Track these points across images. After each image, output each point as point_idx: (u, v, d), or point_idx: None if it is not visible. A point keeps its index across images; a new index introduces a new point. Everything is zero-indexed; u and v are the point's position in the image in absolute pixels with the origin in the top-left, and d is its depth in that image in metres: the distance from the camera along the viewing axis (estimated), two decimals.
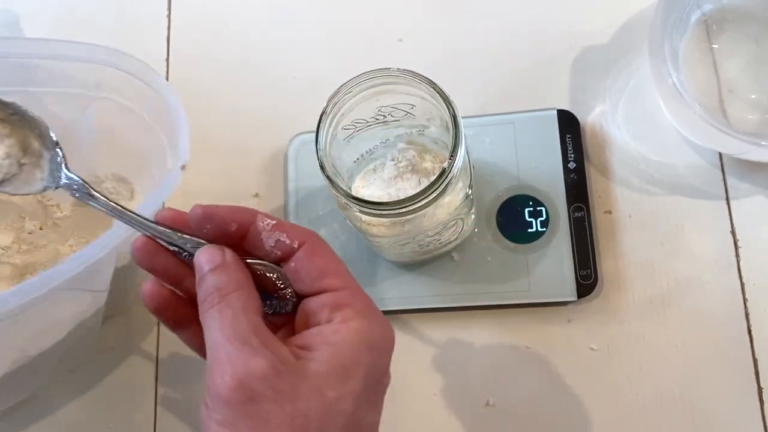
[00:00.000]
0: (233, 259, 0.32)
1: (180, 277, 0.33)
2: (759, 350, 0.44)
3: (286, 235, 0.32)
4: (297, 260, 0.32)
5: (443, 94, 0.36)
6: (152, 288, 0.33)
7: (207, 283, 0.31)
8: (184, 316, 0.33)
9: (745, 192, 0.46)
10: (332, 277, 0.32)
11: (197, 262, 0.31)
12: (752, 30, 0.45)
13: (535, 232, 0.46)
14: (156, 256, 0.33)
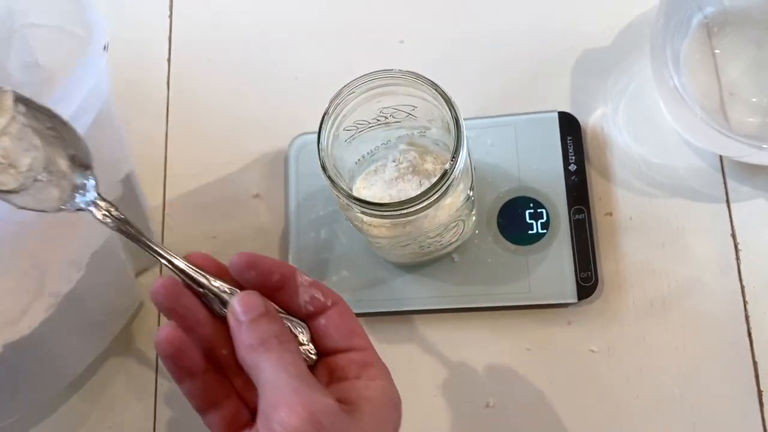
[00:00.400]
0: (274, 309, 0.33)
1: (195, 323, 0.33)
2: (759, 353, 0.44)
3: (320, 293, 0.34)
4: (329, 318, 0.33)
5: (445, 96, 0.36)
6: (171, 332, 0.32)
7: (261, 328, 0.31)
8: (195, 365, 0.33)
9: (746, 195, 0.46)
10: (359, 337, 0.34)
11: (242, 305, 0.31)
12: (754, 33, 0.45)
13: (536, 233, 0.46)
14: (179, 297, 0.32)
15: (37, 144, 0.33)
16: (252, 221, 0.51)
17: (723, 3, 0.45)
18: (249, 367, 0.31)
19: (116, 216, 0.33)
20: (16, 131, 0.33)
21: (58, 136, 0.34)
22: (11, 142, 0.33)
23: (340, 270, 0.48)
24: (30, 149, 0.33)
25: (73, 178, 0.34)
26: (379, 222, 0.39)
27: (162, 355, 0.32)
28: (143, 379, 0.50)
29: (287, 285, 0.33)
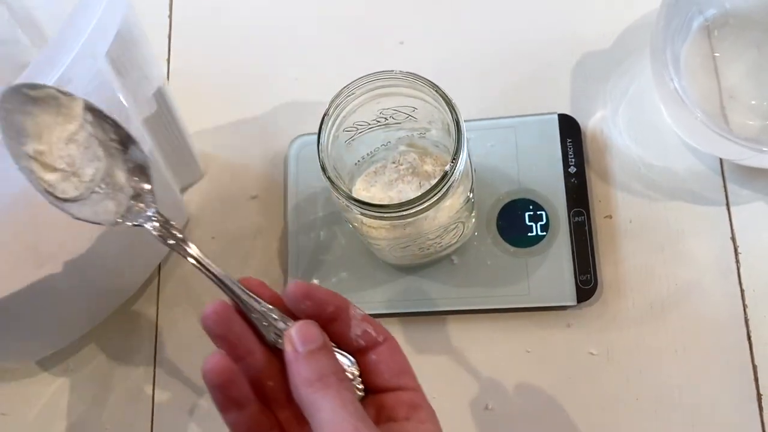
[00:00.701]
0: (329, 342, 0.32)
1: (246, 351, 0.32)
2: (758, 356, 0.44)
3: (372, 327, 0.33)
4: (380, 354, 0.33)
5: (446, 98, 0.36)
6: (220, 362, 0.30)
7: (320, 362, 0.30)
8: (242, 395, 0.31)
9: (746, 198, 0.46)
10: (408, 377, 0.33)
11: (301, 336, 0.30)
12: (754, 36, 0.45)
13: (535, 236, 0.46)
14: (232, 324, 0.32)
15: (100, 155, 0.33)
16: (251, 222, 0.51)
17: (724, 6, 0.45)
18: (305, 402, 0.30)
19: (174, 233, 0.33)
20: (83, 140, 0.32)
21: (120, 148, 0.33)
22: (78, 151, 0.32)
23: (339, 271, 0.48)
24: (94, 159, 0.33)
25: (131, 193, 0.33)
26: (378, 223, 0.38)
27: (209, 384, 0.31)
28: (140, 379, 0.50)
29: (340, 317, 0.32)
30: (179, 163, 0.49)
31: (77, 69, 0.32)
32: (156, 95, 0.43)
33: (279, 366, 0.32)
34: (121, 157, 0.33)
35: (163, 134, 0.46)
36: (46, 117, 0.32)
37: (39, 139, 0.32)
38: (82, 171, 0.32)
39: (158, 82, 0.43)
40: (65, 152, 0.32)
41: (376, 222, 0.38)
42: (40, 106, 0.32)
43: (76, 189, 0.32)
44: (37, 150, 0.32)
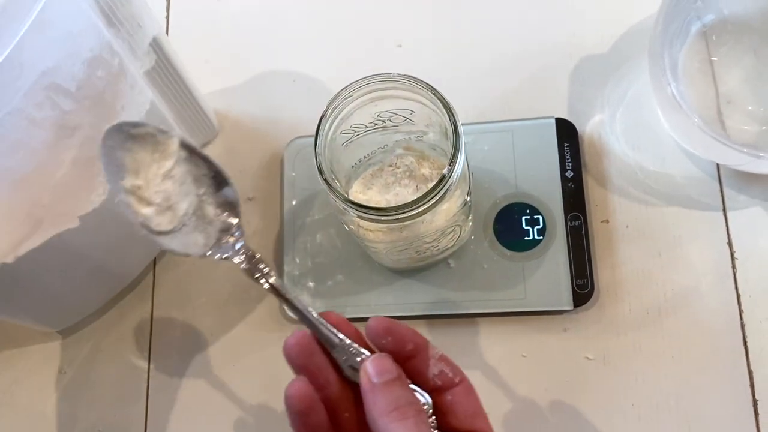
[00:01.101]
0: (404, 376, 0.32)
1: (324, 382, 0.33)
2: (754, 362, 0.44)
3: (449, 368, 0.33)
4: (455, 395, 0.33)
5: (444, 101, 0.35)
6: (303, 388, 0.31)
7: (395, 393, 0.31)
8: (321, 424, 0.32)
9: (742, 203, 0.46)
10: (482, 420, 0.33)
11: (376, 368, 0.31)
12: (752, 42, 0.45)
13: (532, 240, 0.46)
14: (313, 355, 0.32)
15: (193, 190, 0.34)
16: (247, 224, 0.51)
17: (722, 11, 0.45)
18: (381, 431, 0.30)
19: (261, 268, 0.34)
20: (179, 176, 0.34)
21: (211, 184, 0.34)
22: (173, 186, 0.34)
23: (335, 274, 0.48)
24: (188, 194, 0.34)
25: (219, 226, 0.34)
26: (375, 226, 0.38)
27: (291, 409, 0.31)
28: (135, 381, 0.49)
29: (419, 355, 0.33)
30: (190, 118, 0.49)
31: (56, 10, 0.32)
32: (153, 45, 0.43)
33: (354, 399, 0.33)
34: (211, 192, 0.34)
35: (168, 88, 0.46)
36: (144, 154, 0.34)
37: (137, 175, 0.34)
38: (177, 205, 0.34)
39: (154, 31, 0.42)
40: (162, 188, 0.34)
41: (373, 225, 0.38)
42: (139, 143, 0.33)
43: (170, 222, 0.34)
44: (135, 185, 0.33)
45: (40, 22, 0.31)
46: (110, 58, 0.38)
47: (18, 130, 0.34)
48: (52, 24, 0.32)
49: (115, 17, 0.39)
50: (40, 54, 0.32)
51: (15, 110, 0.33)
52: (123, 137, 0.33)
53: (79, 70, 0.36)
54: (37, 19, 0.31)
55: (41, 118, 0.35)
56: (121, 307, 0.51)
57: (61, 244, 0.40)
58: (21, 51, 0.31)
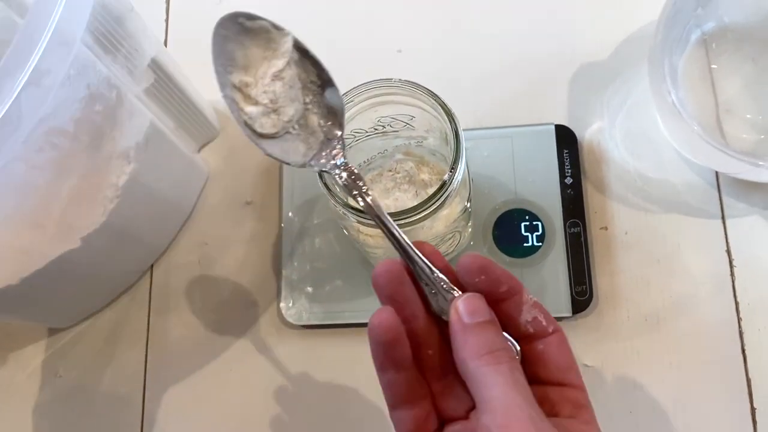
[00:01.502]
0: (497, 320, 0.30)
1: (411, 315, 0.31)
2: (752, 370, 0.44)
3: (543, 316, 0.31)
4: (548, 345, 0.31)
5: (446, 107, 0.35)
6: (390, 319, 0.29)
7: (488, 336, 0.29)
8: (404, 357, 0.30)
9: (741, 212, 0.46)
10: (575, 373, 0.31)
11: (468, 307, 0.29)
12: (752, 50, 0.45)
13: (531, 246, 0.46)
14: (402, 286, 0.31)
15: (300, 95, 0.32)
16: (245, 228, 0.51)
17: (723, 19, 0.45)
18: (472, 375, 0.28)
19: (360, 185, 0.32)
20: (288, 78, 0.32)
21: (318, 92, 0.33)
22: (282, 89, 0.32)
23: (334, 279, 0.48)
24: (295, 100, 0.32)
25: (321, 137, 0.33)
26: (375, 232, 0.38)
27: (375, 340, 0.30)
28: (131, 385, 0.49)
29: (513, 299, 0.31)
30: (192, 123, 0.50)
31: (51, 60, 0.32)
32: (152, 65, 0.43)
33: (440, 337, 0.31)
34: (319, 100, 0.33)
35: (168, 100, 0.46)
36: (256, 50, 0.32)
37: (246, 71, 0.32)
38: (283, 109, 0.32)
39: (152, 52, 0.43)
40: (270, 88, 0.32)
41: (373, 230, 0.38)
42: (252, 37, 0.32)
43: (273, 126, 0.32)
44: (243, 81, 0.32)
45: (38, 73, 0.31)
46: (108, 92, 0.38)
47: (18, 175, 0.34)
48: (49, 72, 0.32)
49: (112, 45, 0.39)
50: (38, 103, 0.32)
51: (15, 158, 0.33)
52: (237, 29, 0.31)
53: (77, 109, 0.36)
54: (35, 71, 0.31)
55: (41, 160, 0.35)
56: (117, 310, 0.51)
57: (62, 262, 0.41)
58: (19, 104, 0.31)
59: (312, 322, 0.47)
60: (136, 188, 0.43)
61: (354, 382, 0.47)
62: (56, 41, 0.32)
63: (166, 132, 0.45)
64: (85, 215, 0.41)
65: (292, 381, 0.48)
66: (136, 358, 0.50)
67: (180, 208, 0.51)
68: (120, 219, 0.43)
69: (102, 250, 0.44)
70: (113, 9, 0.39)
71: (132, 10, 0.41)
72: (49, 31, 0.32)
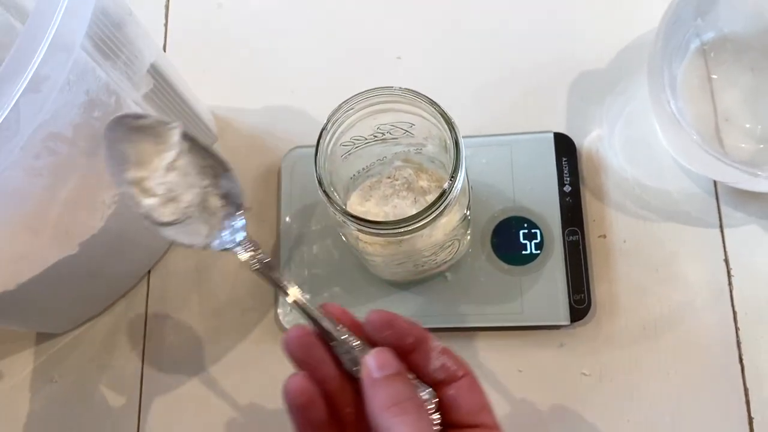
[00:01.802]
0: (405, 371, 0.31)
1: (325, 377, 0.32)
2: (750, 380, 0.44)
3: (452, 361, 0.32)
4: (459, 389, 0.32)
5: (446, 116, 0.35)
6: (303, 383, 0.31)
7: (396, 387, 0.30)
8: (320, 419, 0.31)
9: (739, 221, 0.47)
10: (487, 414, 0.32)
11: (377, 361, 0.30)
12: (751, 61, 0.45)
13: (530, 254, 0.46)
14: (312, 349, 0.32)
15: (197, 181, 0.34)
16: None
17: (722, 30, 0.45)
18: (381, 427, 0.29)
19: (261, 258, 0.33)
20: (183, 167, 0.34)
21: (214, 174, 0.34)
22: (177, 178, 0.33)
23: (332, 286, 0.48)
24: (192, 186, 0.34)
25: (222, 217, 0.34)
26: (374, 239, 0.38)
27: (291, 404, 0.31)
28: (127, 391, 0.49)
29: (420, 348, 0.32)
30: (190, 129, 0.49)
31: (50, 66, 0.32)
32: (151, 71, 0.43)
33: (355, 394, 0.32)
34: (215, 183, 0.34)
35: (166, 105, 0.46)
36: (146, 145, 0.33)
37: (140, 166, 0.33)
38: (180, 197, 0.34)
39: (151, 58, 0.43)
40: (165, 179, 0.33)
41: (372, 238, 0.38)
42: (141, 134, 0.33)
43: (173, 214, 0.34)
44: (138, 177, 0.33)
45: (37, 79, 0.31)
46: (107, 97, 0.38)
47: (16, 180, 0.34)
48: (48, 78, 0.32)
49: (112, 51, 0.39)
50: (37, 109, 0.32)
51: (13, 164, 0.33)
52: (125, 130, 0.33)
53: (76, 115, 0.36)
54: (34, 77, 0.31)
55: (39, 166, 0.35)
56: (114, 315, 0.50)
57: (60, 268, 0.41)
58: (18, 110, 0.31)
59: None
60: None
61: None
62: (56, 47, 0.32)
63: None
64: (83, 221, 0.41)
65: None
66: (133, 364, 0.49)
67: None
68: (118, 224, 0.43)
69: (100, 256, 0.44)
70: (113, 14, 0.38)
71: (131, 15, 0.41)
72: (48, 37, 0.32)
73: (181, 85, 0.47)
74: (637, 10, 0.51)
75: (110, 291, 0.50)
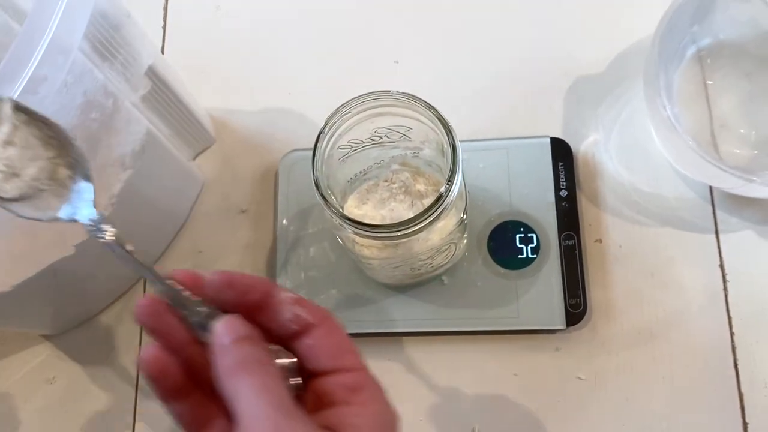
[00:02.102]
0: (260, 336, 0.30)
1: (180, 344, 0.31)
2: (745, 384, 0.44)
3: (305, 310, 0.31)
4: (315, 337, 0.31)
5: (443, 120, 0.36)
6: (154, 353, 0.30)
7: (243, 349, 0.29)
8: (181, 387, 0.30)
9: (735, 226, 0.47)
10: (350, 356, 0.31)
11: (225, 328, 0.29)
12: (746, 67, 0.45)
13: (526, 258, 0.46)
14: (162, 317, 0.30)
15: (42, 153, 0.33)
16: (239, 236, 0.51)
17: (718, 36, 0.45)
18: (226, 393, 0.28)
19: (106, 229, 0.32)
20: (21, 140, 0.32)
21: (59, 144, 0.33)
22: (17, 152, 0.32)
23: (329, 288, 0.48)
24: (36, 159, 0.32)
25: (72, 187, 0.33)
26: (370, 243, 0.38)
27: (146, 375, 0.30)
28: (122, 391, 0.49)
29: (268, 303, 0.31)
30: (188, 131, 0.50)
31: (48, 67, 0.32)
32: (149, 73, 0.43)
33: None
34: (61, 153, 0.33)
35: (164, 108, 0.46)
36: None
37: None
38: (23, 171, 0.32)
39: (149, 60, 0.43)
40: (3, 154, 0.32)
41: (368, 241, 0.38)
42: None
43: (18, 189, 0.32)
44: None
45: (34, 80, 0.31)
46: (104, 99, 0.38)
47: None
48: (46, 79, 0.32)
49: (109, 53, 0.39)
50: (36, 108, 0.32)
51: None
52: None
53: (74, 116, 0.36)
54: (32, 78, 0.31)
55: None
56: (111, 316, 0.51)
57: (56, 270, 0.41)
58: None
59: None
60: (132, 195, 0.43)
61: None
62: (53, 48, 0.32)
63: (162, 139, 0.45)
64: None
65: None
66: (129, 364, 0.49)
67: (175, 216, 0.51)
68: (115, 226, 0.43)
69: (96, 258, 0.44)
70: (111, 17, 0.39)
71: (129, 17, 0.41)
72: (46, 39, 0.32)
73: (178, 87, 0.47)
74: (634, 16, 0.51)
75: (107, 292, 0.50)
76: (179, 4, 0.57)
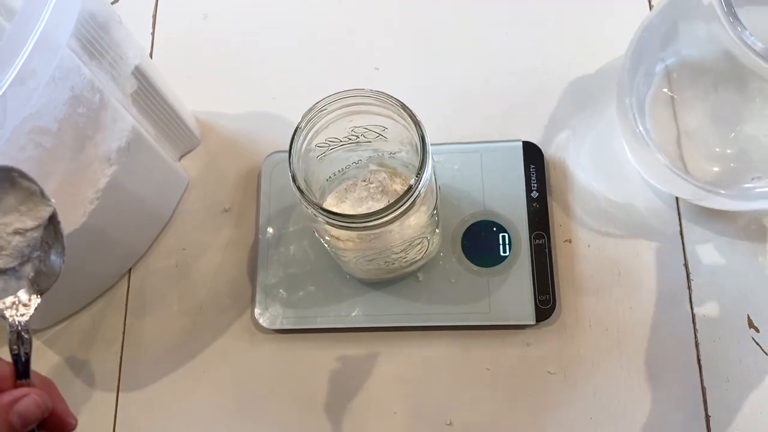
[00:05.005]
0: None
1: None
2: (707, 379, 0.45)
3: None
4: None
5: (412, 115, 0.37)
6: None
7: None
8: None
9: (698, 233, 0.48)
10: None
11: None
12: (710, 83, 0.46)
13: (498, 256, 0.48)
14: None
15: (30, 253, 0.34)
16: (222, 234, 0.52)
17: (681, 53, 0.46)
18: None
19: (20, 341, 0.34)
20: (30, 239, 0.34)
21: (47, 248, 0.35)
22: (18, 244, 0.34)
23: (307, 285, 0.49)
24: (25, 256, 0.34)
25: (24, 285, 0.34)
26: (345, 235, 0.40)
27: None
28: (104, 386, 0.50)
29: None
30: (173, 131, 0.51)
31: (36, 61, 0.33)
32: (135, 73, 0.44)
33: None
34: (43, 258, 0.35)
35: (150, 108, 0.48)
36: (11, 200, 0.33)
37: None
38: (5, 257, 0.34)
39: (136, 60, 0.44)
40: (7, 237, 0.33)
41: (344, 233, 0.39)
42: (14, 189, 0.33)
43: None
44: None
45: (24, 73, 0.33)
46: (91, 95, 0.40)
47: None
48: (35, 73, 0.34)
49: (97, 52, 0.41)
50: (23, 101, 0.34)
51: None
52: (5, 177, 0.33)
53: (61, 111, 0.37)
54: (21, 70, 0.33)
55: (24, 158, 0.37)
56: (94, 313, 0.51)
57: None
58: (5, 101, 0.32)
59: (285, 327, 0.48)
60: (117, 191, 0.44)
61: (326, 385, 0.48)
62: (42, 43, 0.34)
63: (147, 138, 0.47)
64: (65, 216, 0.41)
65: (265, 384, 0.49)
66: (111, 361, 0.50)
67: (159, 214, 0.52)
68: (100, 221, 0.44)
69: (81, 252, 0.45)
70: (99, 18, 0.40)
71: (119, 22, 0.42)
72: (36, 33, 0.33)
73: (165, 89, 0.48)
74: (611, 28, 0.53)
75: (91, 289, 0.51)
76: (168, 12, 0.59)
